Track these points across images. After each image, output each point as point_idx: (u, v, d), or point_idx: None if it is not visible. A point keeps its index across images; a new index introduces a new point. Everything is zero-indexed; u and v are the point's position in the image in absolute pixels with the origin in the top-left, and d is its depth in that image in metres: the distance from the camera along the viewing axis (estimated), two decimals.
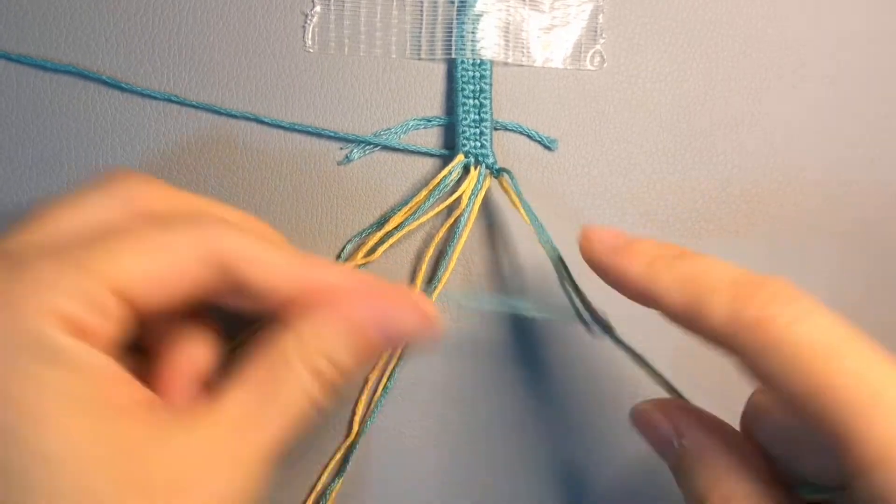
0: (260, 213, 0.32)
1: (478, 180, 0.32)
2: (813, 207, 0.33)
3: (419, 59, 0.33)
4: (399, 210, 0.32)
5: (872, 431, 0.21)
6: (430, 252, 0.33)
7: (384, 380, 0.32)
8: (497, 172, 0.32)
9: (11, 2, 0.32)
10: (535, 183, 0.33)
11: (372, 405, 0.32)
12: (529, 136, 0.33)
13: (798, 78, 0.33)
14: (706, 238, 0.33)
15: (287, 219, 0.33)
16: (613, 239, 0.27)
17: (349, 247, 0.33)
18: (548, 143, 0.33)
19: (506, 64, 0.33)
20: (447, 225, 0.33)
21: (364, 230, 0.33)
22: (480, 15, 0.32)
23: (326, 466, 0.32)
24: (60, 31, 0.32)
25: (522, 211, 0.31)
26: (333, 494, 0.32)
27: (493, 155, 0.32)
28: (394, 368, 0.32)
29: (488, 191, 0.33)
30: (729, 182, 0.33)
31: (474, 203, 0.32)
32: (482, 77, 0.32)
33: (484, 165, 0.32)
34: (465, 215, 0.32)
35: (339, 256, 0.33)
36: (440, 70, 0.33)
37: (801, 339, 0.22)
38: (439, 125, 0.33)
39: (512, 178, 0.32)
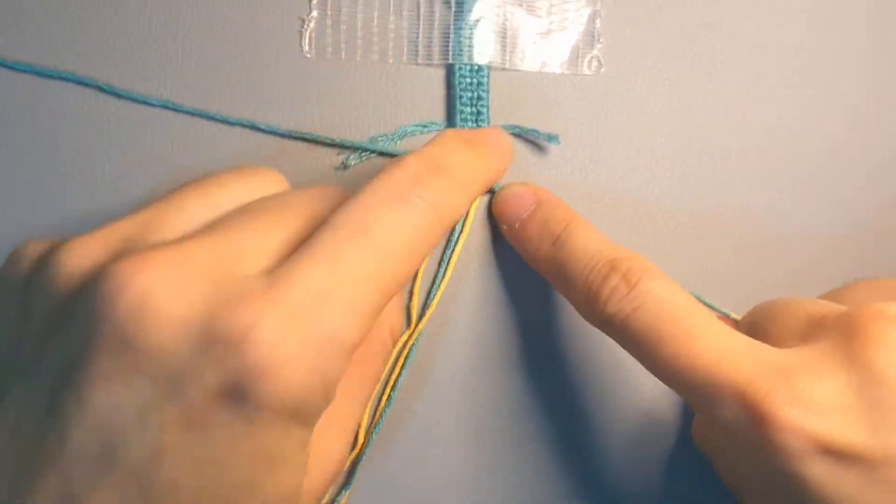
0: None
1: None
2: (813, 211, 0.34)
3: (416, 64, 0.33)
4: None
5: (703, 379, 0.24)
6: (426, 259, 0.32)
7: (388, 390, 0.32)
8: None
9: (9, 9, 0.32)
10: None
11: (377, 416, 0.32)
12: (528, 136, 0.33)
13: (796, 83, 0.34)
14: (706, 241, 0.33)
15: None
16: (511, 219, 0.31)
17: None
18: (549, 140, 0.33)
19: (503, 69, 0.33)
20: None
21: None
22: (477, 20, 0.32)
23: None
24: (58, 39, 0.32)
25: None
26: None
27: None
28: (397, 378, 0.32)
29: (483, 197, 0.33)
30: (727, 186, 0.33)
31: (469, 211, 0.32)
32: (479, 84, 0.32)
33: None
34: (460, 224, 0.32)
35: None
36: (438, 75, 0.33)
37: (637, 330, 0.26)
38: (436, 130, 0.33)
39: None
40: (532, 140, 0.33)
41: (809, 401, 0.23)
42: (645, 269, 0.27)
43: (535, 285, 0.33)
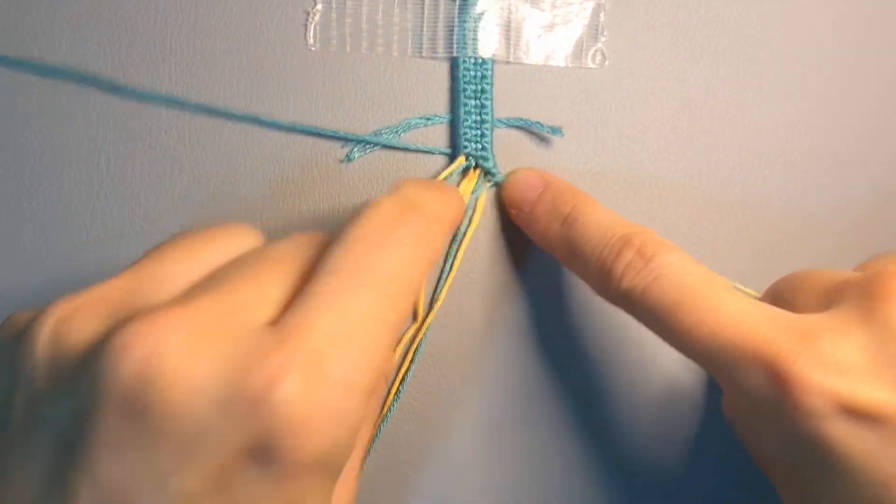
0: (261, 212, 0.32)
1: (477, 183, 0.32)
2: (814, 205, 0.34)
3: (421, 57, 0.33)
4: None
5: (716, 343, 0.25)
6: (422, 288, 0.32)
7: (396, 384, 0.32)
8: (494, 176, 0.32)
9: (9, 4, 0.31)
10: None
11: (385, 409, 0.32)
12: (532, 129, 0.33)
13: (799, 76, 0.34)
14: (707, 236, 0.34)
15: (288, 217, 0.32)
16: (520, 203, 0.31)
17: None
18: (552, 132, 0.33)
19: (507, 62, 0.33)
20: None
21: None
22: (482, 13, 0.32)
23: None
24: (59, 34, 0.31)
25: None
26: None
27: (493, 157, 0.32)
28: (405, 373, 0.32)
29: (488, 191, 0.33)
30: (730, 179, 0.34)
31: (476, 205, 0.32)
32: (483, 77, 0.32)
33: (483, 170, 0.32)
34: (467, 218, 0.32)
35: None
36: (442, 68, 0.33)
37: (656, 302, 0.26)
38: (440, 123, 0.33)
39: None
40: (536, 133, 0.33)
41: (831, 362, 0.23)
42: (659, 244, 0.27)
43: (542, 274, 0.33)
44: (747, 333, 0.24)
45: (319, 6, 0.32)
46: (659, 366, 0.34)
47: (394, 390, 0.32)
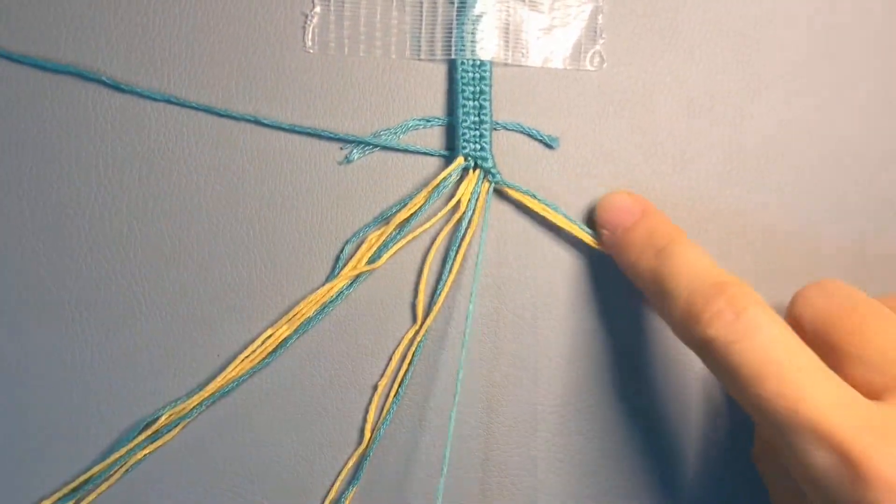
0: (259, 214, 0.32)
1: (476, 183, 0.32)
2: (813, 208, 0.34)
3: (419, 59, 0.33)
4: (398, 211, 0.32)
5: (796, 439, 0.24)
6: (432, 256, 0.33)
7: (395, 387, 0.32)
8: (493, 177, 0.32)
9: (11, 1, 0.31)
10: (534, 183, 0.33)
11: (384, 412, 0.32)
12: (529, 135, 0.33)
13: (798, 79, 0.34)
14: (707, 236, 0.34)
15: (286, 219, 0.32)
16: (614, 226, 0.31)
17: (348, 248, 0.32)
18: (548, 142, 0.33)
19: (505, 64, 0.33)
20: (448, 228, 0.33)
21: (360, 229, 0.32)
22: (480, 16, 0.32)
23: (339, 474, 0.32)
24: (60, 32, 0.32)
25: (544, 208, 0.33)
26: (347, 502, 0.32)
27: (493, 158, 0.32)
28: (405, 375, 0.32)
29: (488, 192, 0.33)
30: (728, 182, 0.34)
31: (476, 206, 0.32)
32: (482, 78, 0.32)
33: (482, 169, 0.32)
34: (466, 219, 0.32)
35: (338, 258, 0.32)
36: (440, 70, 0.33)
37: (739, 362, 0.25)
38: (438, 125, 0.33)
39: (509, 184, 0.33)
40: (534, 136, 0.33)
41: None
42: (753, 300, 0.26)
43: (540, 282, 0.33)
44: (826, 419, 0.24)
45: (318, 8, 0.32)
46: (643, 379, 0.34)
47: (394, 391, 0.32)
